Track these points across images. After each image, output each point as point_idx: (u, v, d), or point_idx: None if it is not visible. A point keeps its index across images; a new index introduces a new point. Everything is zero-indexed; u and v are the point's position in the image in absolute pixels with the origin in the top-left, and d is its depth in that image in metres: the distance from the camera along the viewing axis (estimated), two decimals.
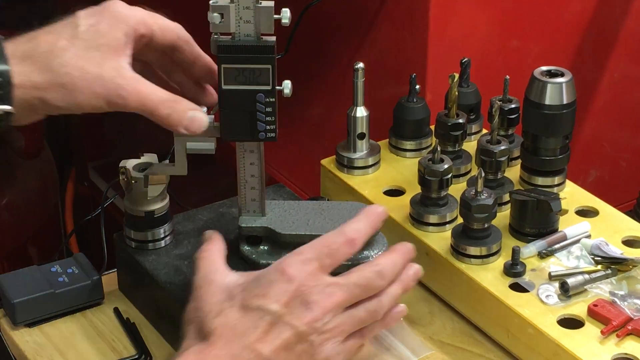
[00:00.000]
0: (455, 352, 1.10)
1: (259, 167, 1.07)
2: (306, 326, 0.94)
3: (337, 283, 0.96)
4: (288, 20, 1.00)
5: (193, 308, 0.96)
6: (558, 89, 1.15)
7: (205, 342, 0.93)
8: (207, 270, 0.99)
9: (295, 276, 0.95)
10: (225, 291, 0.96)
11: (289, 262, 0.96)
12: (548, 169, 1.20)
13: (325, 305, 0.95)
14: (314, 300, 0.95)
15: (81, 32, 0.96)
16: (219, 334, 0.93)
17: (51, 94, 0.95)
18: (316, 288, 0.95)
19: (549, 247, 1.12)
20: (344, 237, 0.98)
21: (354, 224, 1.00)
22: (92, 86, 0.95)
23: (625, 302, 1.04)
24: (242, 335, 0.93)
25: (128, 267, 1.16)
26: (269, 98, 1.02)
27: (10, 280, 1.14)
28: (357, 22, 1.59)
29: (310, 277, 0.95)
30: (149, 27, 1.01)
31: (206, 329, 0.94)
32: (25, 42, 0.96)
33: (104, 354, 1.11)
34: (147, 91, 0.97)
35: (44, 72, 0.94)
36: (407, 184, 1.23)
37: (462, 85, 1.27)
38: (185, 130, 0.98)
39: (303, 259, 0.96)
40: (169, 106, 0.98)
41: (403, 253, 1.02)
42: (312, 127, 1.78)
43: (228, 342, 0.92)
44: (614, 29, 1.66)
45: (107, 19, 0.98)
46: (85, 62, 0.95)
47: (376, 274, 0.98)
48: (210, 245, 1.03)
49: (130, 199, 1.13)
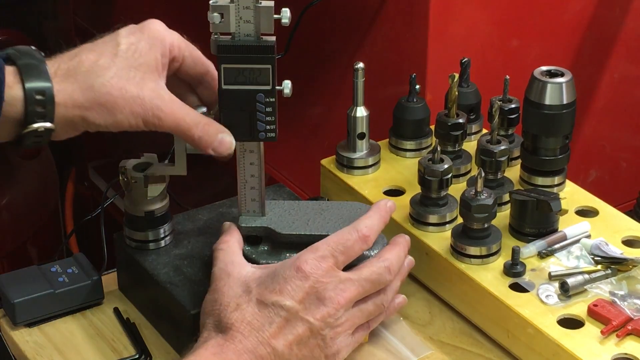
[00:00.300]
0: (455, 352, 1.10)
1: (259, 167, 1.07)
2: (320, 321, 0.98)
3: (350, 279, 1.01)
4: (288, 20, 1.00)
5: (211, 300, 1.00)
6: (558, 89, 1.15)
7: (223, 336, 0.97)
8: (225, 262, 1.03)
9: (311, 273, 0.99)
10: (243, 285, 1.00)
11: (304, 258, 1.00)
12: (548, 169, 1.20)
13: (339, 301, 0.99)
14: (328, 297, 0.99)
15: (122, 51, 0.98)
16: (237, 328, 0.97)
17: (92, 112, 0.97)
18: (330, 284, 0.99)
19: (549, 247, 1.12)
20: (357, 234, 1.02)
21: (366, 220, 1.04)
22: (131, 106, 0.97)
23: (625, 302, 1.04)
24: (258, 330, 0.97)
25: (128, 267, 1.16)
26: (269, 98, 1.02)
27: (10, 280, 1.15)
28: (357, 22, 1.59)
29: (325, 273, 0.99)
30: (181, 52, 1.04)
31: (224, 323, 0.98)
32: (68, 60, 0.98)
33: (104, 354, 1.11)
34: (182, 113, 1.00)
35: (85, 91, 0.96)
36: (407, 184, 1.23)
37: (462, 85, 1.27)
38: (214, 152, 1.02)
39: (318, 256, 1.00)
40: (201, 129, 1.01)
41: (404, 246, 1.07)
42: (312, 127, 1.78)
43: (245, 338, 0.97)
44: (614, 29, 1.66)
45: (146, 38, 1.00)
46: (126, 82, 0.97)
47: (385, 269, 1.03)
48: (228, 236, 1.06)
49: (130, 199, 1.13)
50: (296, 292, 0.98)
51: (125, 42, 0.99)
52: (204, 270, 1.10)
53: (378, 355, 1.09)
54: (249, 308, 0.98)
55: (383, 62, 1.55)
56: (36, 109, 0.95)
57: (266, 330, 0.97)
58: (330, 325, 0.99)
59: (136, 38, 1.00)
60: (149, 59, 0.99)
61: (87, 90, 0.96)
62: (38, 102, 0.95)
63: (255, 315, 0.97)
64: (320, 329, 0.99)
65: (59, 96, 0.96)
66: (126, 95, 0.97)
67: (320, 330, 0.99)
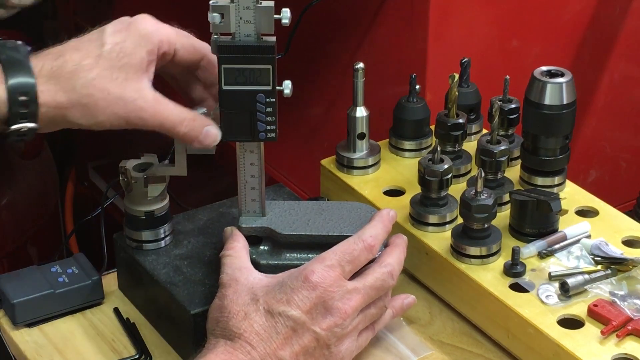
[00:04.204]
0: (455, 352, 1.10)
1: (259, 167, 1.07)
2: (326, 331, 0.99)
3: (357, 288, 1.01)
4: (288, 20, 1.00)
5: (219, 306, 1.00)
6: (558, 89, 1.15)
7: (232, 344, 0.97)
8: (233, 268, 1.03)
9: (319, 283, 0.99)
10: (250, 292, 1.00)
11: (312, 268, 1.00)
12: (548, 169, 1.20)
13: (346, 310, 1.00)
14: (335, 307, 0.99)
15: (106, 52, 0.99)
16: (245, 338, 0.97)
17: (73, 112, 0.97)
18: (337, 294, 1.00)
19: (549, 247, 1.12)
20: (363, 244, 1.02)
21: (370, 230, 1.04)
22: (113, 107, 0.98)
23: (625, 302, 1.04)
24: (266, 341, 0.98)
25: (128, 267, 1.16)
26: (269, 98, 1.02)
27: (10, 280, 1.15)
28: (357, 22, 1.59)
29: (333, 283, 1.00)
30: (172, 46, 1.04)
31: (232, 331, 0.98)
32: (53, 59, 0.98)
33: (104, 354, 1.11)
34: (166, 112, 1.01)
35: (68, 92, 0.97)
36: (407, 184, 1.23)
37: (462, 85, 1.27)
38: (200, 144, 1.03)
39: (326, 266, 1.00)
40: (186, 125, 1.02)
41: (403, 247, 1.07)
42: (312, 127, 1.78)
43: (253, 349, 0.97)
44: (614, 29, 1.66)
45: (132, 36, 1.00)
46: (108, 84, 0.98)
47: (388, 275, 1.03)
48: (234, 242, 1.06)
49: (130, 199, 1.13)
50: (304, 302, 0.98)
51: (110, 41, 0.99)
52: (204, 270, 1.11)
53: (378, 355, 1.09)
54: (257, 317, 0.98)
55: (383, 62, 1.55)
56: (20, 110, 0.95)
57: (273, 341, 0.98)
58: (336, 335, 1.00)
59: (122, 37, 1.00)
60: (133, 58, 0.99)
61: (69, 91, 0.97)
62: (21, 103, 0.95)
63: (263, 325, 0.98)
64: (327, 339, 0.99)
65: (42, 96, 0.96)
66: (108, 97, 0.97)
67: (327, 340, 0.99)
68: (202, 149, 1.05)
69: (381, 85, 1.52)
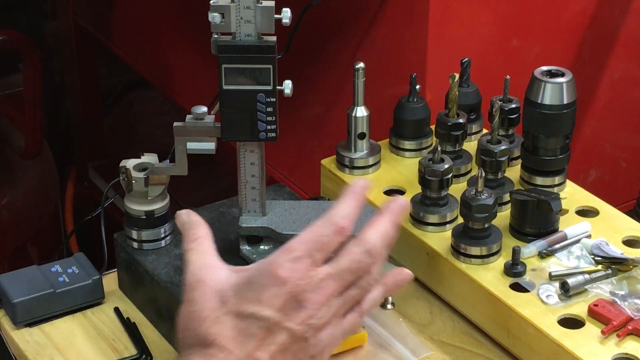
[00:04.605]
0: (455, 352, 1.10)
1: (260, 167, 1.07)
2: (301, 326, 0.93)
3: (329, 274, 0.94)
4: (288, 20, 1.01)
5: (187, 312, 0.95)
6: (558, 89, 1.15)
7: (207, 351, 0.92)
8: (197, 265, 0.96)
9: (288, 278, 0.92)
10: (218, 294, 0.94)
11: (279, 262, 0.93)
12: (548, 169, 1.20)
13: (320, 300, 0.93)
14: (307, 299, 0.93)
15: None
16: (219, 344, 0.92)
17: None
18: (309, 285, 0.93)
19: (549, 247, 1.12)
20: (333, 227, 0.94)
21: (340, 209, 0.95)
22: None
23: (626, 302, 1.04)
24: (240, 344, 0.92)
25: (128, 267, 1.16)
26: (270, 98, 1.02)
27: (10, 280, 1.15)
28: (357, 22, 1.59)
29: (302, 276, 0.93)
30: None
31: (205, 338, 0.93)
32: None
33: (104, 354, 1.11)
34: None
35: None
36: (407, 184, 1.23)
37: (462, 85, 1.27)
38: None
39: (293, 258, 0.93)
40: None
41: (390, 215, 0.98)
42: (312, 127, 1.78)
43: (230, 353, 0.92)
44: (614, 29, 1.66)
45: None
46: None
47: (365, 255, 0.95)
48: (196, 230, 0.98)
49: (130, 199, 1.13)
50: (275, 300, 0.92)
51: None
52: None
53: (378, 355, 1.09)
54: (228, 321, 0.93)
55: (383, 62, 1.55)
56: None
57: (248, 344, 0.92)
58: (313, 326, 0.94)
59: None
60: None
61: None
62: None
63: (236, 328, 0.93)
64: (303, 332, 0.93)
65: None
66: None
67: (303, 333, 0.93)
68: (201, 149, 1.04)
69: (381, 85, 1.52)
